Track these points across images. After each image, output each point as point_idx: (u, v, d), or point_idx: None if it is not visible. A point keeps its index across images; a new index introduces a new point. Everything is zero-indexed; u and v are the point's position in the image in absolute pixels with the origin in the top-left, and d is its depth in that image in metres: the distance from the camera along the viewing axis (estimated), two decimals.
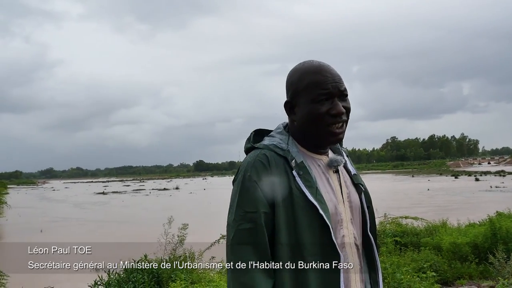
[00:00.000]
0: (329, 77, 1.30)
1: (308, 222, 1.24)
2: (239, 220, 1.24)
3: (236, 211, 1.25)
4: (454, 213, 15.92)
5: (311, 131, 1.32)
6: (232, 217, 1.26)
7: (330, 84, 1.30)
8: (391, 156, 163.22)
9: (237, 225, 1.24)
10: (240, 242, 1.23)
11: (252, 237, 1.22)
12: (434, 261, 5.98)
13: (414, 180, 55.83)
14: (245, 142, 1.40)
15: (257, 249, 1.22)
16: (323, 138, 1.33)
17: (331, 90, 1.29)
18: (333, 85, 1.30)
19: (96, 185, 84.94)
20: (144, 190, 55.26)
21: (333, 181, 1.36)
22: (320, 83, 1.29)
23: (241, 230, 1.23)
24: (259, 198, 1.24)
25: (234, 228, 1.24)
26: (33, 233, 18.61)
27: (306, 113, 1.31)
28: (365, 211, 1.42)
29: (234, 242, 1.24)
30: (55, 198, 45.57)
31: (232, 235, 1.25)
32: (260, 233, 1.22)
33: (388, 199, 25.48)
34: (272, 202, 1.24)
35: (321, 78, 1.30)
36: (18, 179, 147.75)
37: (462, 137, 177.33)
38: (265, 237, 1.23)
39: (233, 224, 1.25)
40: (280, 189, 1.25)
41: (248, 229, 1.22)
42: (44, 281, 8.16)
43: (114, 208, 30.57)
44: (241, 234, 1.23)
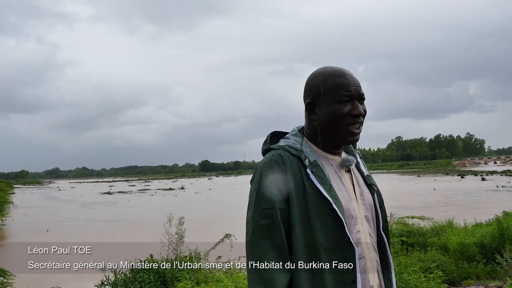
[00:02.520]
0: (351, 81, 1.41)
1: (322, 218, 1.30)
2: (257, 216, 1.31)
3: (254, 208, 1.33)
4: (460, 213, 15.86)
5: (332, 130, 1.41)
6: (251, 214, 1.33)
7: (352, 87, 1.40)
8: (397, 156, 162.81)
9: (255, 222, 1.31)
10: (259, 237, 1.30)
11: (269, 233, 1.30)
12: (441, 261, 5.95)
13: (420, 180, 55.69)
14: (262, 144, 1.50)
15: (275, 244, 1.29)
16: (342, 137, 1.42)
17: (353, 92, 1.40)
18: (355, 88, 1.40)
19: (102, 185, 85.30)
20: (149, 190, 55.40)
21: (345, 180, 1.44)
22: (344, 86, 1.40)
23: (259, 226, 1.30)
24: (275, 195, 1.31)
25: (252, 224, 1.32)
26: (40, 233, 18.71)
27: (330, 112, 1.40)
28: (378, 210, 1.50)
29: (253, 237, 1.31)
30: (61, 198, 45.80)
31: (250, 231, 1.32)
32: (277, 228, 1.29)
33: (394, 199, 25.43)
34: (287, 198, 1.32)
35: (345, 81, 1.40)
36: (24, 179, 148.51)
37: (468, 137, 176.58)
38: (282, 232, 1.30)
39: (251, 221, 1.33)
40: (294, 186, 1.32)
41: (266, 225, 1.30)
42: (50, 281, 8.19)
43: (120, 208, 30.67)
44: (259, 230, 1.30)
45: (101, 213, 27.06)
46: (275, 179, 1.32)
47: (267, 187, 1.31)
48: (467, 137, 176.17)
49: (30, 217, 25.01)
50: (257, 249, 1.28)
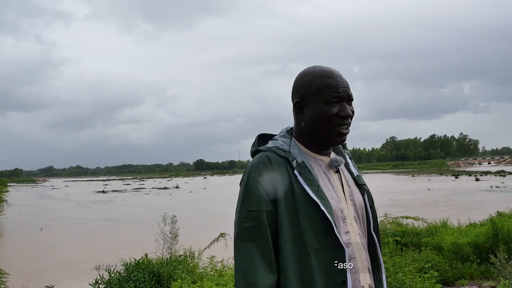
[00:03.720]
0: (340, 82, 1.40)
1: (311, 219, 1.29)
2: (243, 218, 1.31)
3: (241, 210, 1.33)
4: (454, 213, 15.92)
5: (320, 130, 1.41)
6: (237, 216, 1.33)
7: (341, 88, 1.39)
8: (391, 156, 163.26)
9: (241, 224, 1.31)
10: (244, 239, 1.30)
11: (255, 235, 1.29)
12: (435, 261, 5.97)
13: (414, 180, 55.86)
14: (251, 146, 1.49)
15: (260, 246, 1.28)
16: (330, 137, 1.41)
17: (342, 94, 1.39)
18: (343, 89, 1.40)
19: (96, 183, 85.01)
20: (144, 189, 55.29)
21: (334, 180, 1.42)
22: (333, 86, 1.39)
23: (245, 228, 1.30)
24: (262, 197, 1.31)
25: (238, 226, 1.32)
26: (33, 231, 18.64)
27: (318, 113, 1.39)
28: (368, 211, 1.48)
29: (238, 239, 1.31)
30: (56, 197, 45.60)
31: (236, 233, 1.33)
32: (263, 230, 1.29)
33: (389, 198, 25.50)
34: (274, 200, 1.31)
35: (334, 82, 1.39)
36: (19, 177, 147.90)
37: (462, 137, 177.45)
38: (268, 234, 1.29)
39: (238, 222, 1.33)
40: (282, 188, 1.32)
41: (251, 227, 1.29)
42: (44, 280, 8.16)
43: (114, 207, 30.58)
44: (245, 231, 1.30)
45: (96, 212, 26.96)
46: (262, 181, 1.31)
47: (254, 189, 1.31)
48: (461, 138, 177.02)
49: (24, 215, 24.89)
50: (242, 251, 1.28)
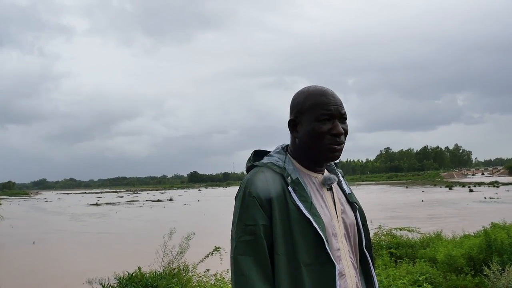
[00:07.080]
0: (331, 100, 1.43)
1: (304, 235, 1.32)
2: (240, 233, 1.33)
3: (238, 225, 1.34)
4: (448, 224, 15.96)
5: (312, 148, 1.43)
6: (234, 230, 1.35)
7: (332, 106, 1.42)
8: (385, 167, 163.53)
9: (238, 238, 1.33)
10: (242, 253, 1.31)
11: (252, 249, 1.30)
12: (429, 273, 5.96)
13: (408, 191, 55.95)
14: (246, 162, 1.52)
15: (257, 259, 1.29)
16: (323, 154, 1.43)
17: (333, 111, 1.41)
18: (335, 107, 1.42)
19: (90, 196, 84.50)
20: (137, 202, 54.98)
21: (326, 198, 1.45)
22: (323, 104, 1.42)
23: (242, 242, 1.31)
24: (258, 212, 1.32)
25: (236, 241, 1.33)
26: (26, 244, 18.46)
27: (309, 130, 1.42)
28: (360, 228, 1.51)
29: (236, 253, 1.32)
30: (49, 210, 45.23)
31: (234, 247, 1.33)
32: (260, 244, 1.30)
33: (382, 210, 25.51)
34: (270, 215, 1.33)
35: (325, 100, 1.42)
36: (11, 190, 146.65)
37: (456, 148, 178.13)
38: (264, 248, 1.31)
39: (235, 237, 1.34)
40: (277, 204, 1.34)
41: (249, 241, 1.31)
42: None
43: (108, 220, 30.36)
44: (242, 246, 1.31)
45: (89, 225, 26.75)
46: (258, 196, 1.33)
47: (250, 204, 1.33)
48: (454, 148, 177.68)
49: (16, 229, 24.67)
50: (240, 265, 1.29)
